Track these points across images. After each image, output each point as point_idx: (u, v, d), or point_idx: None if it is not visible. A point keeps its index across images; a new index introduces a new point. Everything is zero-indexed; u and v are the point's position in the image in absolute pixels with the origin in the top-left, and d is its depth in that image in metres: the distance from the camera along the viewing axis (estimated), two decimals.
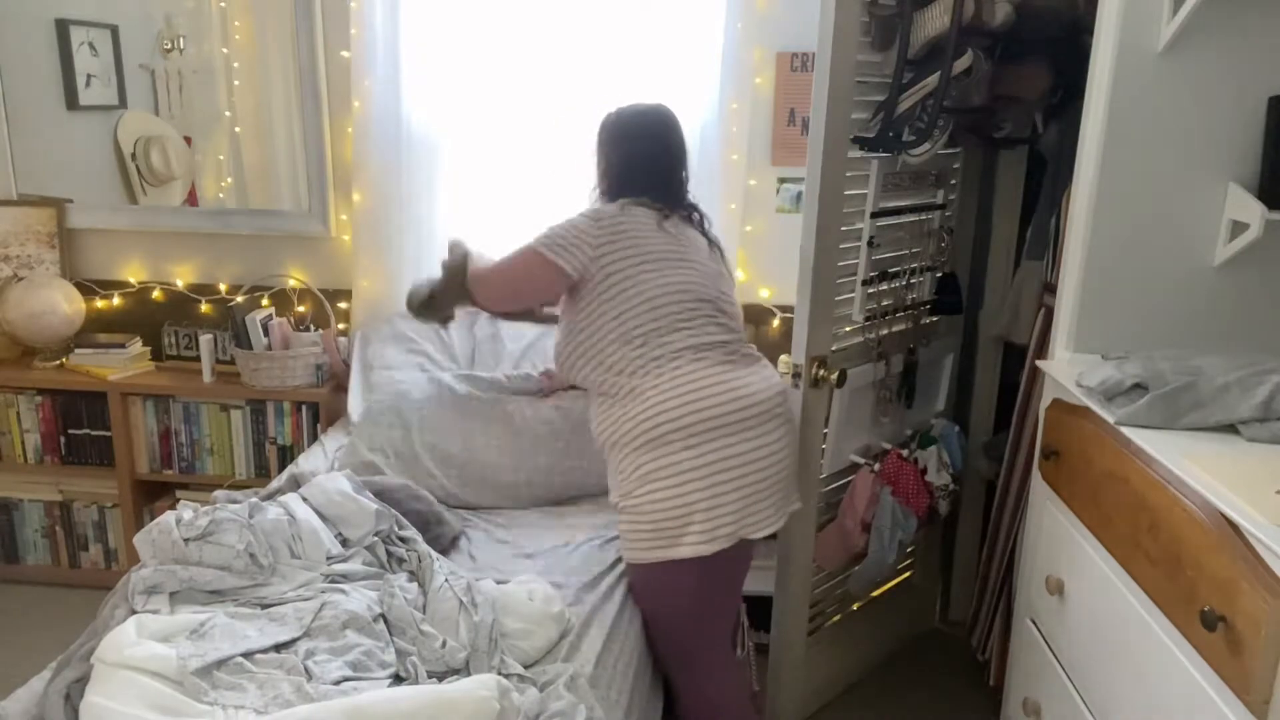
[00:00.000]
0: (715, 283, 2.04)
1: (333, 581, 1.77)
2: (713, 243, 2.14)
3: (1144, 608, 1.49)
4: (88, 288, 3.18)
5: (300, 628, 1.61)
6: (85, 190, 3.17)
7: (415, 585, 1.80)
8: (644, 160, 2.09)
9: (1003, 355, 2.87)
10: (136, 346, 3.12)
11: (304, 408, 2.95)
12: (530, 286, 2.07)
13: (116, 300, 3.19)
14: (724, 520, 1.85)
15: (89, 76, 3.08)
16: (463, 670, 1.61)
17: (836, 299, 2.29)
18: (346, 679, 1.51)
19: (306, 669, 1.51)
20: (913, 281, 2.53)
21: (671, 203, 2.08)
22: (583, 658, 1.73)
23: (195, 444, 3.02)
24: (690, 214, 2.12)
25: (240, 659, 1.50)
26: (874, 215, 2.36)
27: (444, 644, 1.62)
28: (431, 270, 2.29)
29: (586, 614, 1.86)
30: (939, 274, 2.64)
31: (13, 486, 3.12)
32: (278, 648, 1.56)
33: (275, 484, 2.11)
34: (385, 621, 1.68)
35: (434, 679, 1.58)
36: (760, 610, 2.47)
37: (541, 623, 1.73)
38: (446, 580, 1.75)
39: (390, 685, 1.53)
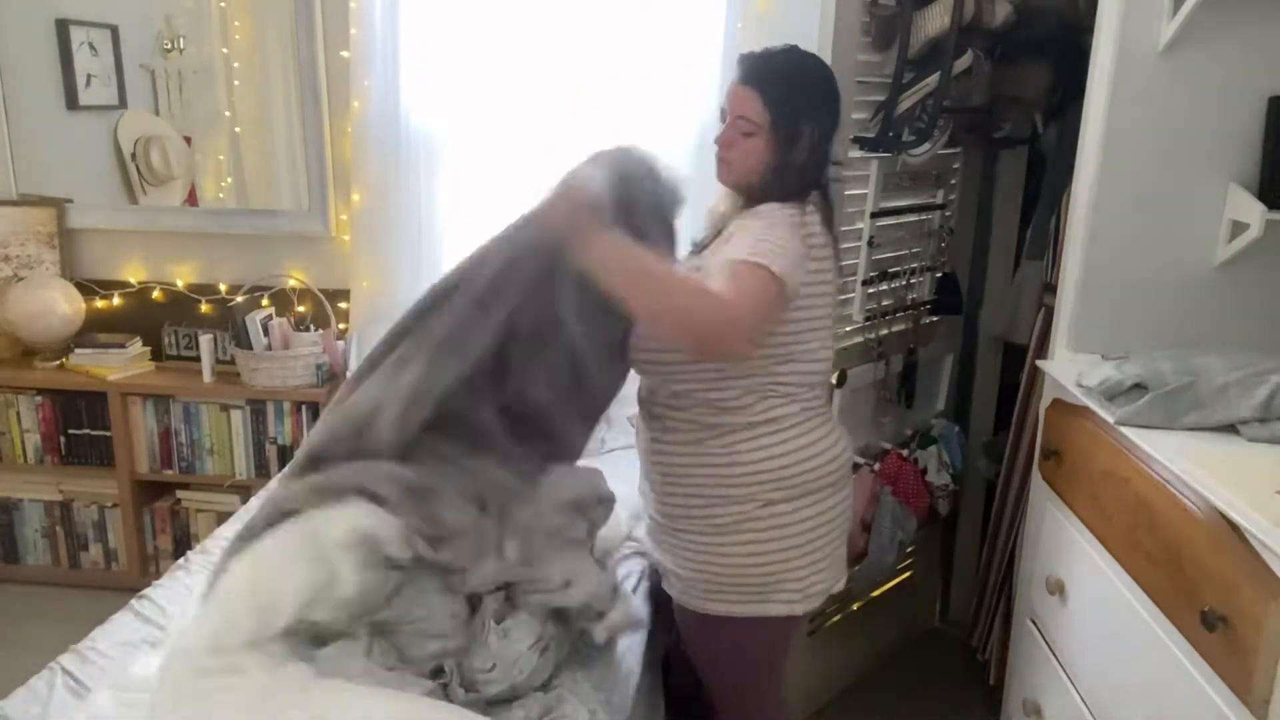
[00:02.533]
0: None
1: None
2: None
3: (1144, 608, 1.49)
4: (88, 288, 3.17)
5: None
6: (85, 190, 3.16)
7: None
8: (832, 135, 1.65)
9: (1003, 355, 2.87)
10: (136, 346, 3.12)
11: (304, 408, 2.95)
12: (769, 313, 1.52)
13: (116, 300, 3.19)
14: (817, 580, 1.69)
15: (89, 76, 3.08)
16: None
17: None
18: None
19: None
20: (913, 281, 2.53)
21: (828, 198, 1.68)
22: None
23: (195, 444, 3.02)
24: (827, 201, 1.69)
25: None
26: (874, 215, 2.36)
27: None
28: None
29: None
30: (939, 274, 2.64)
31: (13, 486, 3.12)
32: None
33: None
34: None
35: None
36: None
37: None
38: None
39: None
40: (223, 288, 3.16)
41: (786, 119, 1.58)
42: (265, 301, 3.10)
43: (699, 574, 1.68)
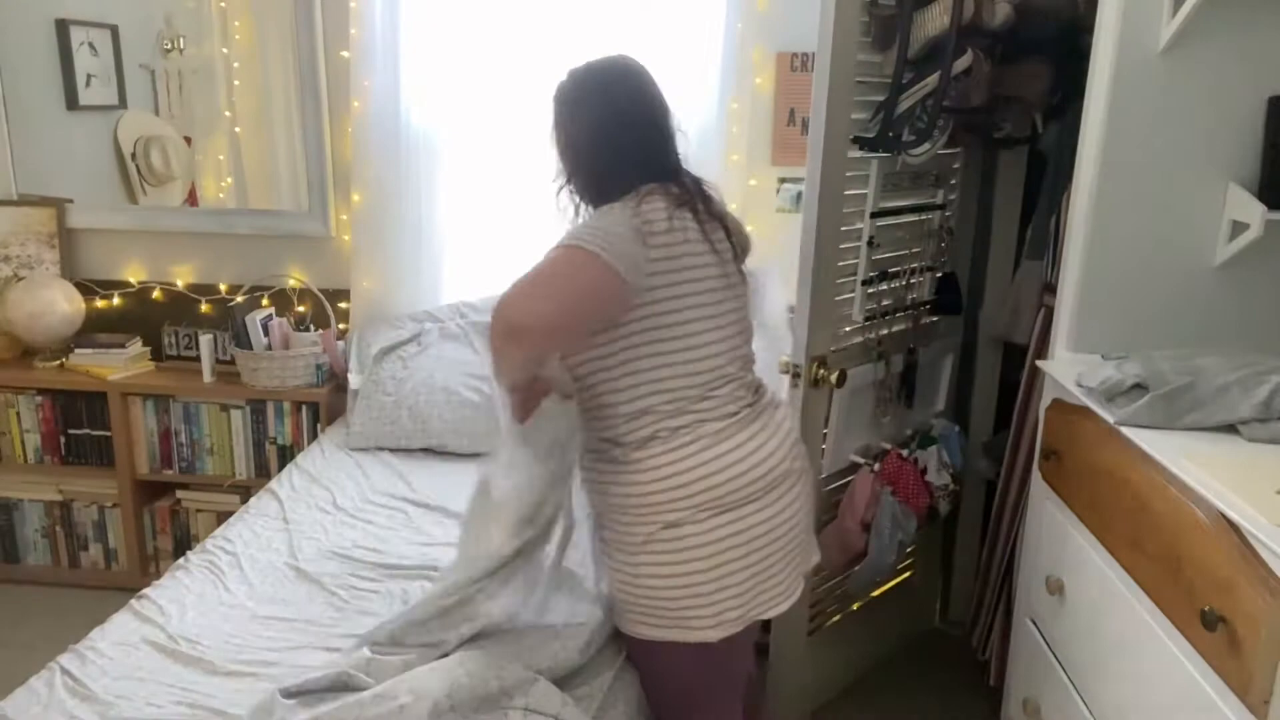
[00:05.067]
0: (747, 322, 1.70)
1: None
2: (731, 231, 1.68)
3: (1144, 608, 1.49)
4: (88, 288, 3.17)
5: None
6: (85, 190, 3.17)
7: None
8: (633, 124, 1.61)
9: (1003, 355, 2.87)
10: (136, 346, 3.12)
11: (304, 408, 2.95)
12: (592, 301, 1.48)
13: (116, 300, 3.19)
14: (730, 604, 1.59)
15: (89, 76, 3.08)
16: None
17: (836, 299, 2.29)
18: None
19: None
20: (913, 281, 2.53)
21: (681, 181, 1.62)
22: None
23: (195, 444, 3.02)
24: (704, 192, 1.66)
25: None
26: (874, 215, 2.36)
27: None
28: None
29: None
30: (939, 274, 2.64)
31: (13, 486, 3.12)
32: None
33: None
34: None
35: None
36: None
37: None
38: None
39: None
40: (223, 288, 3.16)
41: (555, 134, 1.67)
42: (265, 301, 3.10)
43: (620, 595, 1.64)
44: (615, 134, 1.61)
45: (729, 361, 1.62)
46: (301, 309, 3.13)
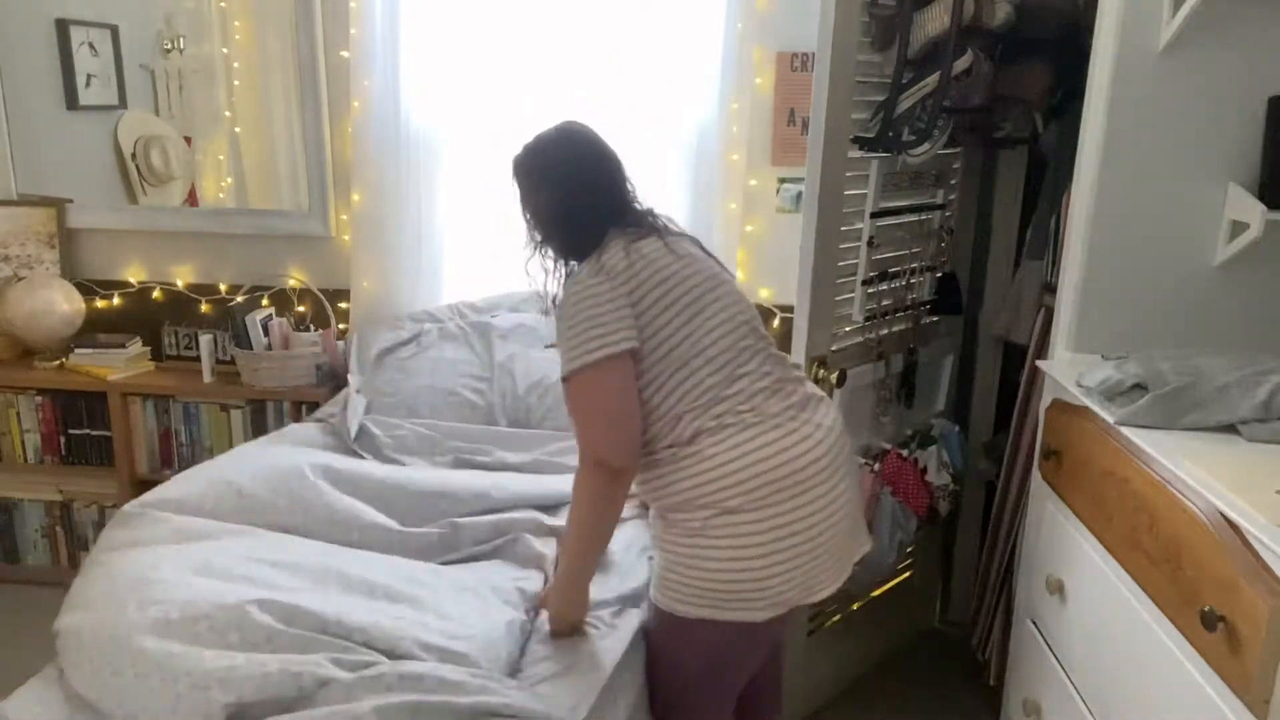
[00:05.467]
0: (737, 292, 1.77)
1: None
2: (693, 238, 1.84)
3: (1144, 608, 1.49)
4: (88, 288, 3.18)
5: None
6: (85, 190, 3.17)
7: None
8: (592, 186, 1.76)
9: (1003, 355, 2.87)
10: (136, 346, 3.12)
11: (304, 408, 2.95)
12: (632, 387, 1.63)
13: (116, 300, 3.19)
14: (780, 587, 1.64)
15: (89, 76, 3.08)
16: None
17: (836, 299, 2.29)
18: None
19: None
20: (913, 281, 2.53)
21: (642, 220, 1.77)
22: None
23: (195, 444, 3.02)
24: (661, 222, 1.80)
25: None
26: (874, 215, 2.36)
27: None
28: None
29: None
30: (939, 274, 2.64)
31: (13, 486, 3.12)
32: None
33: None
34: None
35: None
36: None
37: None
38: None
39: None
40: (223, 288, 3.16)
41: (523, 207, 1.83)
42: (265, 301, 3.11)
43: (670, 576, 1.69)
44: (581, 196, 1.74)
45: (741, 336, 1.69)
46: (301, 309, 3.13)
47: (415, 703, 1.43)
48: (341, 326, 3.08)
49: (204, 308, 3.17)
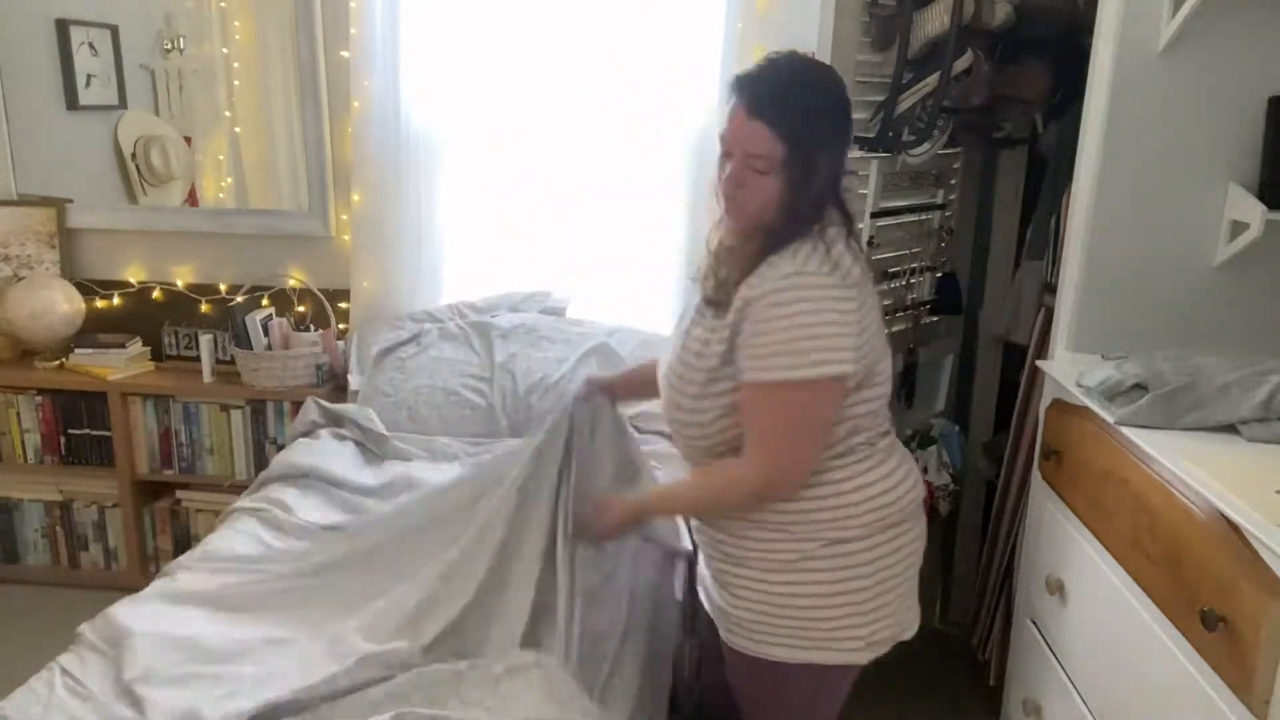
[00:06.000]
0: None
1: None
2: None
3: (1144, 608, 1.49)
4: (88, 288, 3.17)
5: None
6: (85, 190, 3.16)
7: None
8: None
9: (1003, 355, 2.87)
10: (136, 346, 3.12)
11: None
12: (828, 427, 1.47)
13: (116, 300, 3.19)
14: (884, 624, 1.55)
15: (89, 76, 3.08)
16: None
17: None
18: None
19: None
20: (913, 281, 2.53)
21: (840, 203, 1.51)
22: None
23: (195, 444, 3.02)
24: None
25: None
26: (874, 215, 2.36)
27: None
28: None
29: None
30: (939, 274, 2.64)
31: (13, 486, 3.12)
32: None
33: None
34: None
35: None
36: None
37: None
38: None
39: None
40: (223, 288, 3.16)
41: (804, 152, 1.41)
42: (265, 301, 3.10)
43: (751, 614, 1.54)
44: (846, 157, 1.51)
45: (888, 380, 1.56)
46: (301, 309, 3.12)
47: None
48: (341, 326, 3.08)
49: (204, 308, 3.17)
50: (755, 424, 1.45)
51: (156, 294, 3.18)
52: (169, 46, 3.04)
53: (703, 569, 1.71)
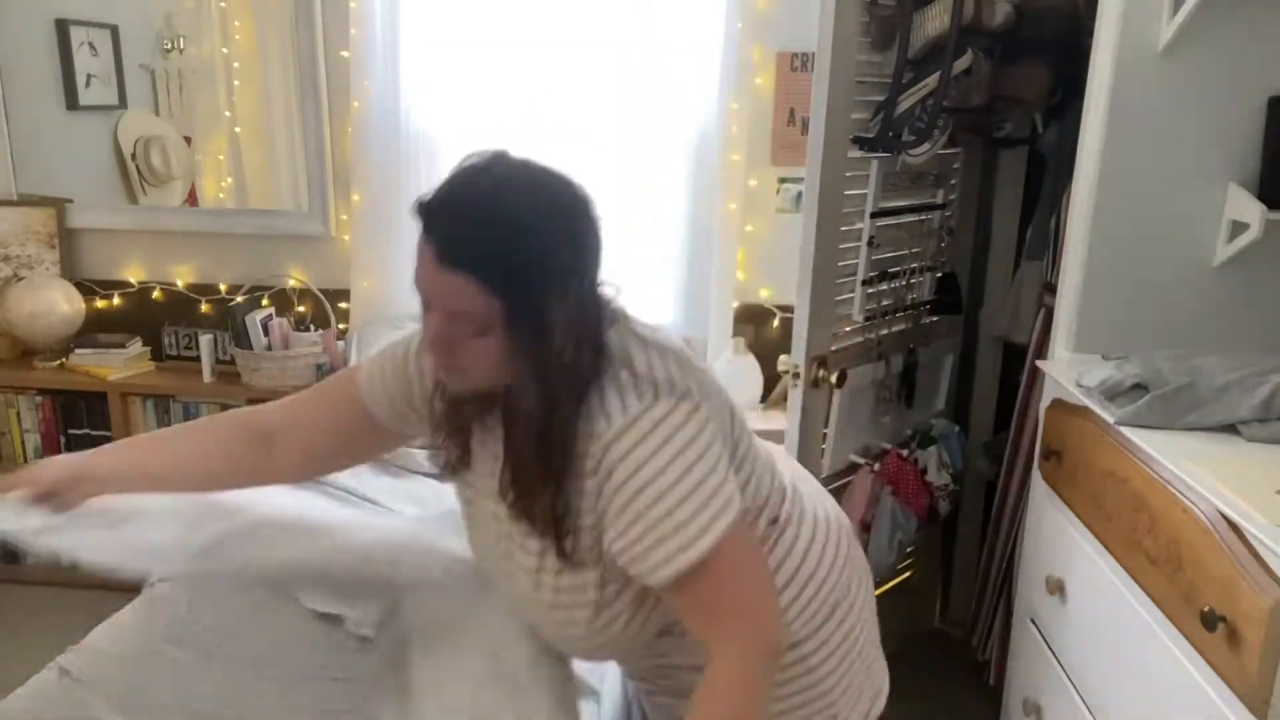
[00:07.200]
0: None
1: None
2: None
3: (1144, 607, 1.49)
4: (88, 288, 3.18)
5: None
6: (85, 190, 3.17)
7: None
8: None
9: (1003, 355, 2.87)
10: (136, 346, 3.12)
11: None
12: (753, 551, 1.23)
13: (116, 300, 3.19)
14: (864, 699, 1.51)
15: (89, 76, 3.08)
16: None
17: (836, 299, 2.29)
18: None
19: None
20: (913, 281, 2.53)
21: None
22: None
23: None
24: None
25: None
26: (874, 215, 2.36)
27: None
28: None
29: None
30: (939, 274, 2.64)
31: None
32: None
33: None
34: None
35: None
36: None
37: None
38: None
39: None
40: (223, 288, 3.16)
41: (530, 302, 1.07)
42: (265, 301, 3.10)
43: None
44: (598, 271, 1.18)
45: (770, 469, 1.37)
46: (301, 309, 3.13)
47: None
48: (341, 326, 3.08)
49: (204, 308, 3.17)
50: (709, 614, 1.15)
51: (156, 294, 3.18)
52: (169, 46, 3.04)
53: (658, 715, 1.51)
